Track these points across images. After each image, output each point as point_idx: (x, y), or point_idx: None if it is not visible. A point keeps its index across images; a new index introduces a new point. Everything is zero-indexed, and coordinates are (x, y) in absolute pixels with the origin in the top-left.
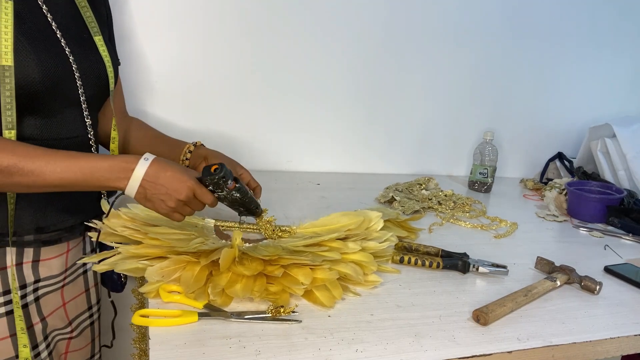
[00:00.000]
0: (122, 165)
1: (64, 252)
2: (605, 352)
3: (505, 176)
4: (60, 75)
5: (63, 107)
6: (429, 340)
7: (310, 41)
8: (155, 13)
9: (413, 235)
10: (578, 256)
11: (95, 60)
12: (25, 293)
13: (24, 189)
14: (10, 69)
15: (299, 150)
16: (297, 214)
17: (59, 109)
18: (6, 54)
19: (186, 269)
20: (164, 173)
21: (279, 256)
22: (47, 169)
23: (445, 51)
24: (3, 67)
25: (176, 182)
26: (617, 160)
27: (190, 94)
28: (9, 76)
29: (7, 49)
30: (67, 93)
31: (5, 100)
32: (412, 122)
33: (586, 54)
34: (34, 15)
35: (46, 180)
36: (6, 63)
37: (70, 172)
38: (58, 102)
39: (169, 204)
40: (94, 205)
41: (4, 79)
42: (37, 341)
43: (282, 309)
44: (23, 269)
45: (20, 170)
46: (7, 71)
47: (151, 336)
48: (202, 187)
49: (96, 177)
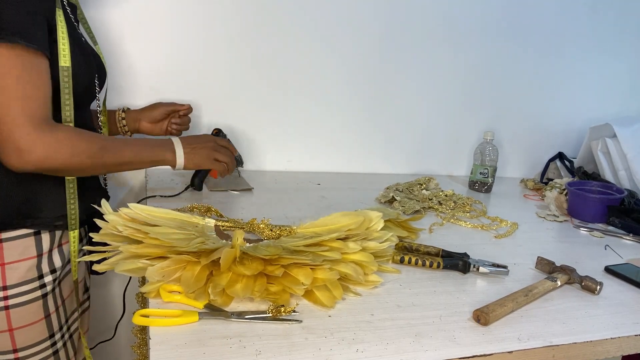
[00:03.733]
0: (162, 141)
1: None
2: (606, 352)
3: (505, 176)
4: (93, 78)
5: (85, 106)
6: (429, 340)
7: (310, 41)
8: (154, 13)
9: (413, 235)
10: (578, 256)
11: (101, 67)
12: (56, 277)
13: (107, 168)
14: (68, 70)
15: (299, 150)
16: (297, 214)
17: (85, 106)
18: (64, 56)
19: (186, 268)
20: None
21: (279, 256)
22: (125, 147)
23: (446, 51)
24: (62, 67)
25: (198, 138)
26: (617, 160)
27: (190, 94)
28: (68, 76)
29: (64, 51)
30: (92, 94)
31: (64, 97)
32: (412, 122)
33: (586, 54)
34: (70, 22)
35: (124, 157)
36: (65, 64)
37: (141, 149)
38: (86, 100)
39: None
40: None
41: (64, 78)
42: (53, 330)
43: (283, 309)
44: (52, 254)
45: (110, 150)
46: (66, 71)
47: (151, 336)
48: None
49: (155, 151)
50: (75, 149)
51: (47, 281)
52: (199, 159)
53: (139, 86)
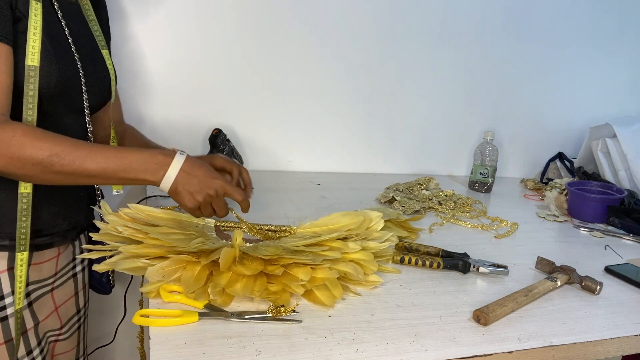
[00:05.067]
0: (159, 158)
1: (55, 256)
2: (606, 352)
3: (505, 176)
4: (71, 81)
5: (67, 113)
6: (430, 340)
7: (310, 41)
8: (154, 14)
9: (413, 236)
10: (578, 256)
11: (100, 71)
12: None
13: (63, 179)
14: (35, 69)
15: (299, 150)
16: (297, 214)
17: (63, 114)
18: (33, 54)
19: (187, 268)
20: (199, 168)
21: (279, 256)
22: (89, 158)
23: (446, 51)
24: (29, 66)
25: (209, 177)
26: (617, 160)
27: (190, 95)
28: (34, 76)
29: (34, 49)
30: (74, 100)
31: (27, 99)
32: (412, 122)
33: (586, 54)
34: (53, 19)
35: (87, 170)
36: (32, 63)
37: (111, 162)
38: (64, 107)
39: (197, 198)
40: (86, 209)
41: (29, 78)
42: (31, 347)
43: (283, 309)
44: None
45: (63, 159)
46: (33, 71)
47: (151, 336)
48: (232, 186)
49: (134, 167)
50: (16, 152)
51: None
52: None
53: (139, 89)
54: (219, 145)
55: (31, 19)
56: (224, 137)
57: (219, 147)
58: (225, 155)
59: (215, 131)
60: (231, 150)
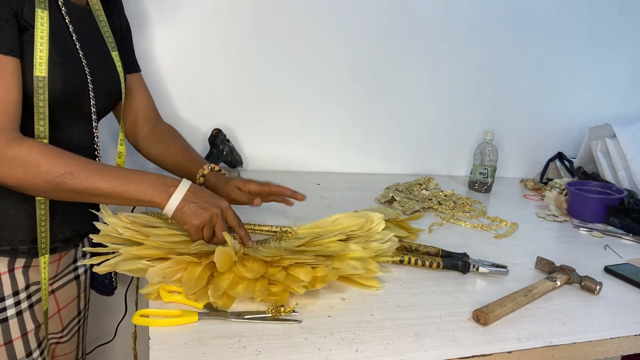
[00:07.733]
0: (167, 180)
1: (56, 260)
2: (605, 352)
3: (505, 176)
4: (77, 88)
5: (75, 119)
6: (429, 340)
7: (310, 41)
8: (154, 15)
9: (413, 236)
10: (578, 256)
11: (108, 75)
12: (19, 300)
13: (75, 197)
14: (44, 80)
15: (299, 150)
16: (297, 214)
17: (70, 120)
18: (41, 65)
19: (187, 269)
20: (204, 190)
21: (280, 257)
22: (100, 177)
23: (446, 51)
24: (37, 77)
25: (215, 197)
26: (617, 160)
27: (191, 95)
28: (43, 87)
29: (42, 59)
30: (81, 106)
31: (38, 110)
32: (412, 122)
33: (586, 54)
34: (60, 27)
35: (97, 188)
36: (40, 74)
37: (122, 181)
38: (71, 113)
39: (203, 215)
40: (88, 215)
41: (38, 89)
42: (31, 349)
43: (282, 309)
44: (15, 274)
45: (76, 177)
46: (42, 82)
47: (151, 336)
48: (233, 210)
49: (143, 187)
50: (31, 170)
51: (8, 304)
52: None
53: None
54: (219, 145)
55: (37, 29)
56: (224, 137)
57: (219, 147)
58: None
59: (215, 131)
60: (231, 150)
